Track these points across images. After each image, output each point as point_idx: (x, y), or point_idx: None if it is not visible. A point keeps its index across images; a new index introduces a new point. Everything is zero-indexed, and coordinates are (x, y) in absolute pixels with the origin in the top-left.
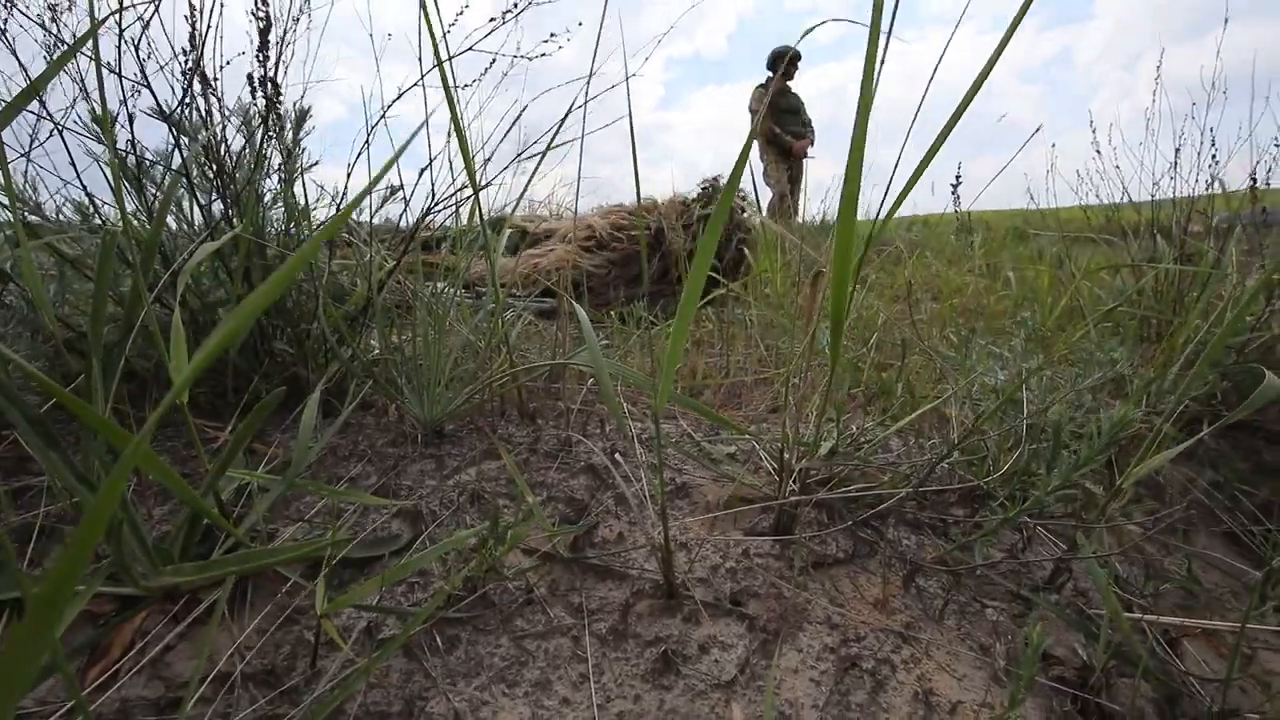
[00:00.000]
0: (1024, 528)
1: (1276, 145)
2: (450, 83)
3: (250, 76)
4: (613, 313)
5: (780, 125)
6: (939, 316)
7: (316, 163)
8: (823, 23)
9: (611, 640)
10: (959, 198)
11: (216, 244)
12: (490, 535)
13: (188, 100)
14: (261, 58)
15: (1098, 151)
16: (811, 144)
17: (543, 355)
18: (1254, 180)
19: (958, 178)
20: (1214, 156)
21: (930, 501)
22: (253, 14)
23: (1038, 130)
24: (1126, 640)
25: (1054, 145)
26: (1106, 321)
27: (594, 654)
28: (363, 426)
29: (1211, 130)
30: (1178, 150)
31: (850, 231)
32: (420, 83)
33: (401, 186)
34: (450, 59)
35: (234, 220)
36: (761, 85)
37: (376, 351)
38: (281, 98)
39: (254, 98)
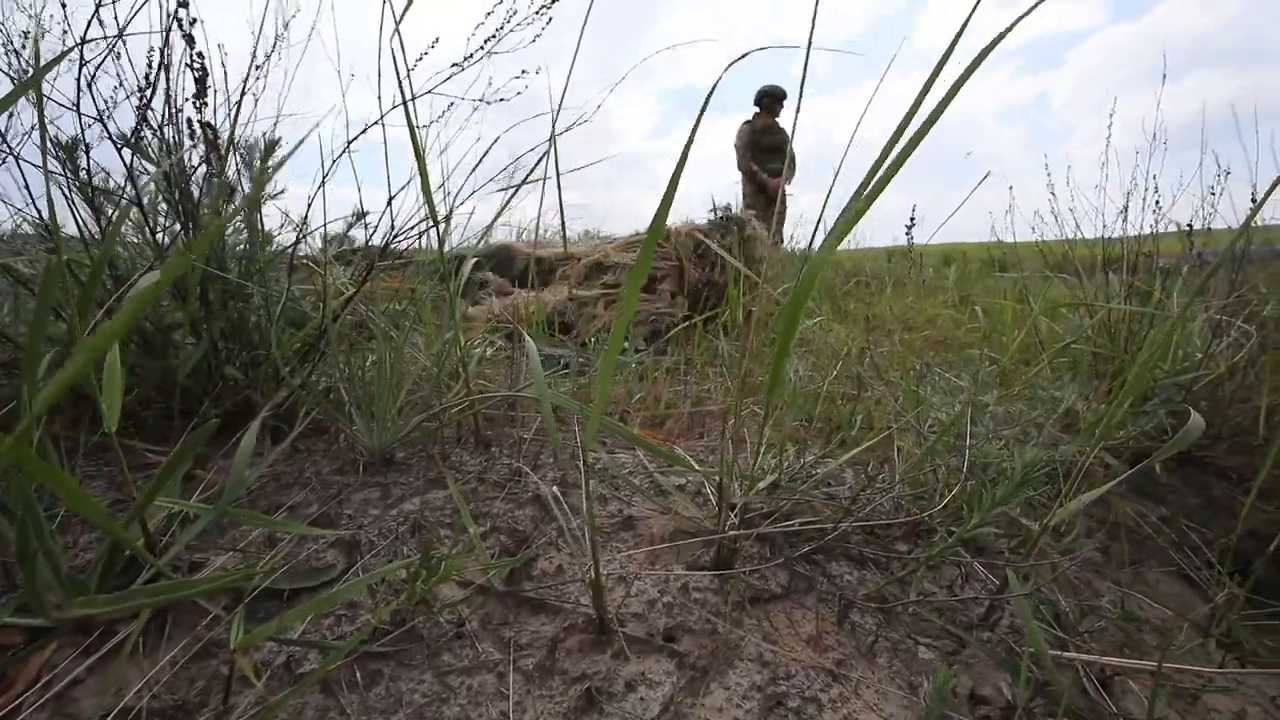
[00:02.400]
0: (962, 564)
1: (1213, 193)
2: (413, 121)
3: (190, 121)
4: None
5: (760, 163)
6: (910, 347)
7: (282, 191)
8: (745, 54)
9: (537, 676)
10: (912, 237)
11: (157, 273)
12: (421, 567)
13: (141, 133)
14: (199, 104)
15: (1052, 193)
16: (789, 182)
17: (507, 383)
18: (1190, 226)
19: (911, 219)
20: (1157, 201)
21: (878, 536)
22: (189, 65)
23: (986, 176)
24: (1050, 679)
25: (1011, 188)
26: (1064, 357)
27: (517, 691)
28: (311, 453)
29: (1155, 177)
30: (1128, 194)
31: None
32: (380, 121)
33: (366, 213)
34: (414, 98)
35: (188, 245)
36: (748, 121)
37: (333, 377)
38: (220, 138)
39: (193, 139)
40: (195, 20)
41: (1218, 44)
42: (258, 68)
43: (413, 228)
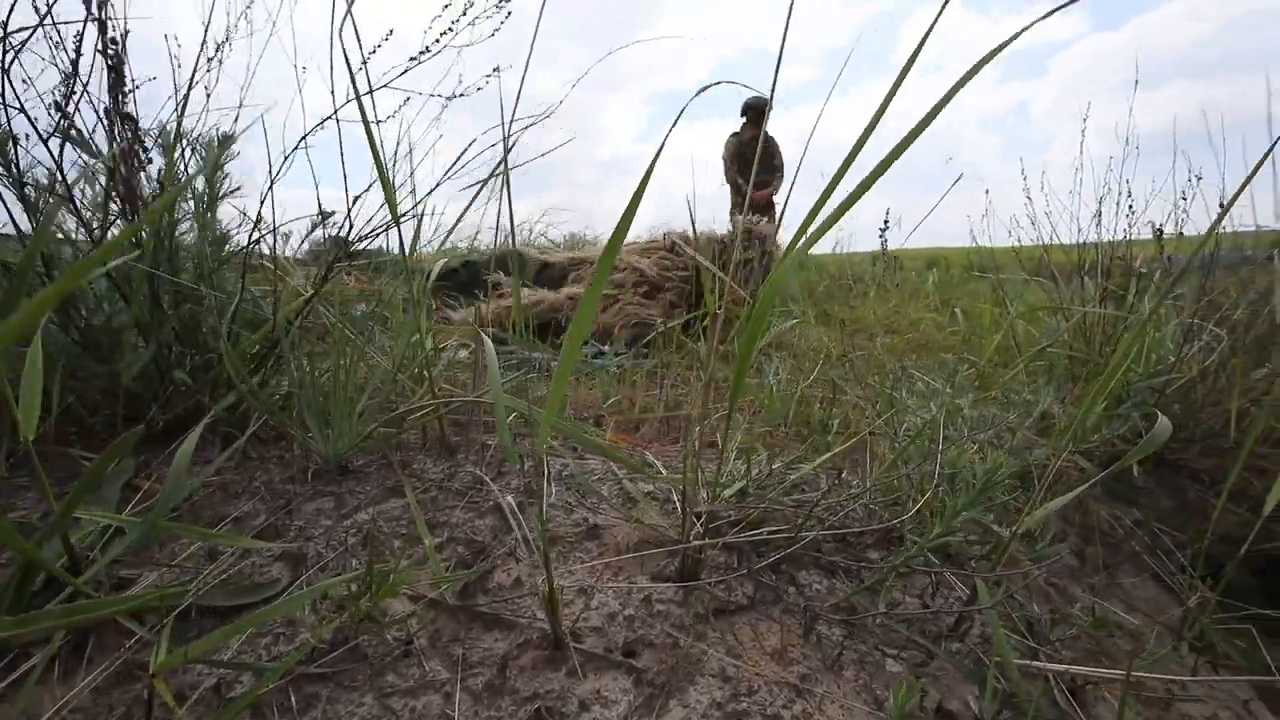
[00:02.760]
0: (933, 572)
1: (1184, 198)
2: (368, 116)
3: (105, 110)
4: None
5: (746, 174)
6: (891, 350)
7: (238, 188)
8: (707, 86)
9: (486, 697)
10: (886, 240)
11: (78, 266)
12: (366, 582)
13: (69, 125)
14: (115, 96)
15: (1028, 197)
16: (775, 191)
17: (478, 385)
18: (1160, 230)
19: (885, 223)
20: (1130, 206)
21: (850, 543)
22: (101, 52)
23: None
24: (1016, 690)
25: (987, 192)
26: (1041, 361)
27: (464, 712)
28: (265, 461)
29: (1128, 181)
30: (1100, 199)
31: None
32: (335, 116)
33: (328, 214)
34: (370, 92)
35: (138, 242)
36: (735, 133)
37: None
38: (142, 130)
39: (111, 131)
40: (106, 3)
41: (1194, 57)
42: (209, 59)
43: (376, 230)
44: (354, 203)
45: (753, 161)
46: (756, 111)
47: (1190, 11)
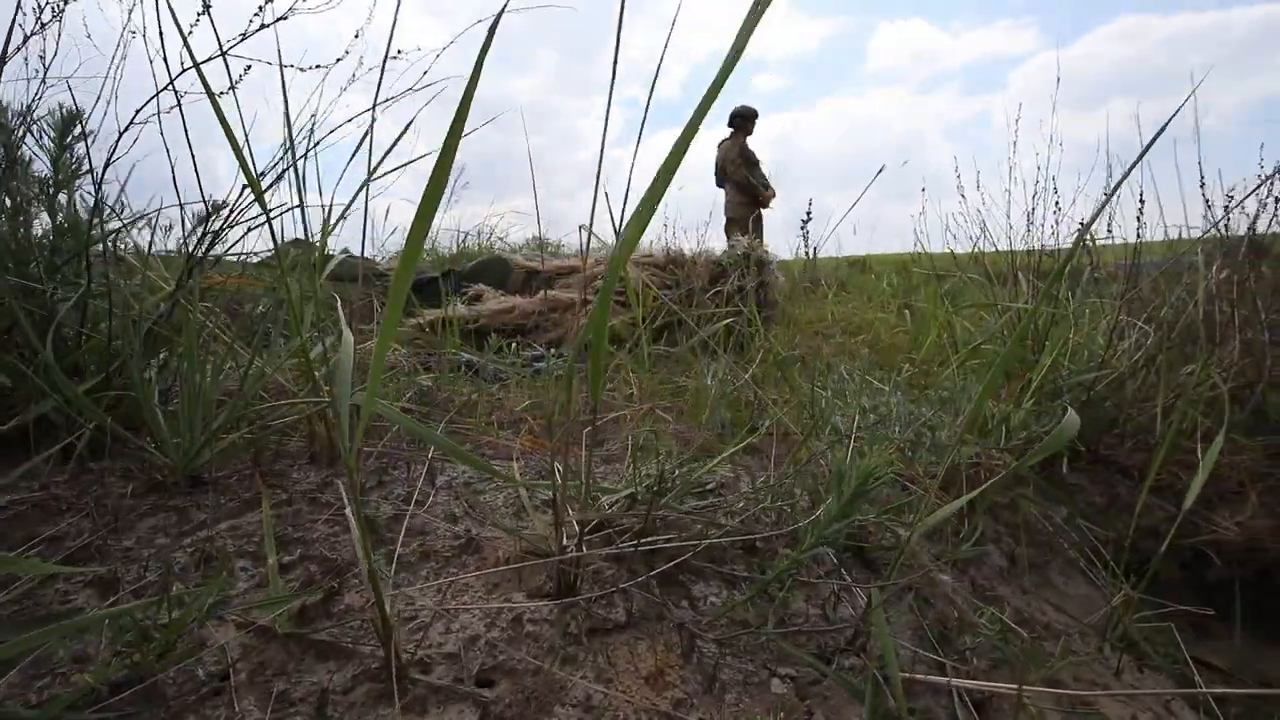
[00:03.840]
0: (836, 582)
1: (1105, 194)
2: (210, 87)
3: None
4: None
5: (755, 176)
6: (844, 350)
7: (88, 171)
8: None
9: None
10: (807, 233)
11: None
12: (169, 608)
13: None
14: None
15: (962, 195)
16: (774, 196)
17: (393, 393)
18: (1084, 240)
19: (808, 214)
20: (1057, 203)
21: (760, 550)
22: None
23: (881, 170)
24: (899, 710)
25: (924, 189)
26: (977, 359)
27: None
28: (108, 473)
29: (1054, 178)
30: (1034, 195)
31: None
32: (171, 86)
33: (213, 209)
34: (207, 60)
35: None
36: (726, 140)
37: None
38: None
39: None
40: None
41: (1132, 74)
42: (42, 25)
43: (245, 220)
44: (242, 193)
45: (753, 163)
46: (744, 119)
47: (1123, 33)
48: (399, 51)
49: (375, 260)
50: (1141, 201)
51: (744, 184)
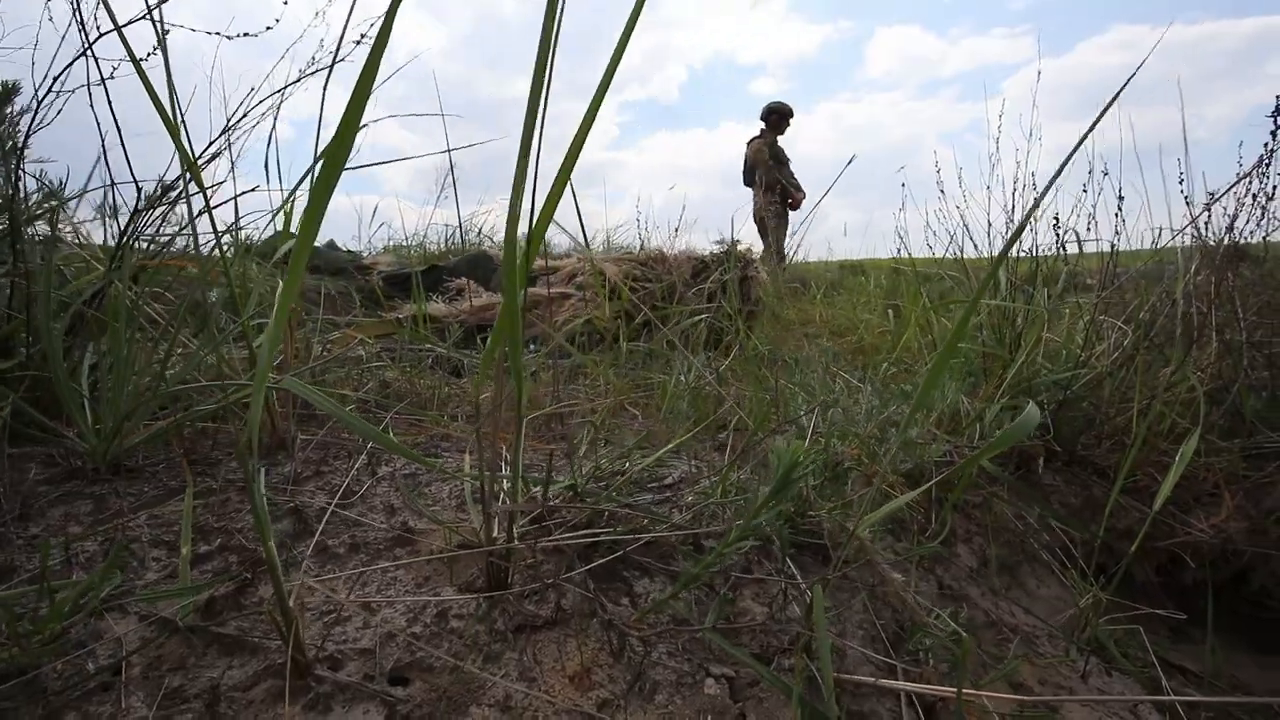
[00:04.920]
0: (785, 578)
1: (1085, 190)
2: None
3: None
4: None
5: (784, 175)
6: (832, 350)
7: (26, 146)
8: None
9: None
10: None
11: None
12: (47, 595)
13: None
14: None
15: (941, 191)
16: (805, 197)
17: (354, 385)
18: (1063, 248)
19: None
20: (1036, 200)
21: (709, 547)
22: None
23: (852, 159)
24: (829, 712)
25: (903, 184)
26: (956, 357)
27: None
28: (27, 459)
29: (1033, 174)
30: (1014, 192)
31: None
32: (88, 51)
33: (163, 191)
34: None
35: None
36: (758, 137)
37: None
38: None
39: None
40: None
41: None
42: None
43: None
44: (188, 176)
45: (783, 162)
46: (779, 116)
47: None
48: (361, 37)
49: (360, 254)
50: (1120, 198)
51: (773, 185)
